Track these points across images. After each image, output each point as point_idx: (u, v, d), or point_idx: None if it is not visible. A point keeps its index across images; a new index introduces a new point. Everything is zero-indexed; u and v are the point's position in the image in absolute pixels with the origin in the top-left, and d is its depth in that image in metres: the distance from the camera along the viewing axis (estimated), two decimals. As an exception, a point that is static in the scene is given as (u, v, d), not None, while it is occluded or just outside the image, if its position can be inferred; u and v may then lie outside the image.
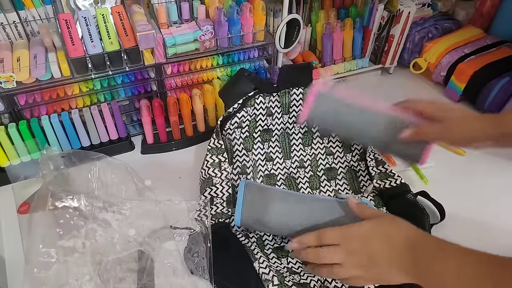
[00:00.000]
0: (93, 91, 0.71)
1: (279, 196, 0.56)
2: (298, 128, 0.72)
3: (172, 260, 0.55)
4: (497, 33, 0.95)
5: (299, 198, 0.57)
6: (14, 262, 0.56)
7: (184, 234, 0.58)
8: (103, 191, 0.60)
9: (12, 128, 0.64)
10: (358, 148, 0.72)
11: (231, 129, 0.68)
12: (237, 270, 0.54)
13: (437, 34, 0.97)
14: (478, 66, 0.86)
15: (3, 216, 0.62)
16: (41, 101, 0.68)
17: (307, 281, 0.53)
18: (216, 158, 0.65)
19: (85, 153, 0.63)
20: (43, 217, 0.54)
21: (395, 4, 0.89)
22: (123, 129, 0.74)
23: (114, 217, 0.57)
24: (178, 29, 0.74)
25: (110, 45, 0.66)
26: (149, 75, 0.75)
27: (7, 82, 0.62)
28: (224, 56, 0.78)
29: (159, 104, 0.73)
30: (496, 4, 0.96)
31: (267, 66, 0.85)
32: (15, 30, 0.71)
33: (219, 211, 0.60)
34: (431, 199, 0.64)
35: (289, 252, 0.58)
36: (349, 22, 0.90)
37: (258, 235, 0.60)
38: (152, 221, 0.57)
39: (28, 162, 0.68)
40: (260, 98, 0.69)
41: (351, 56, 0.95)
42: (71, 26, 0.63)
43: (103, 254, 0.53)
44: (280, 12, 0.81)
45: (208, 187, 0.63)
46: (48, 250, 0.52)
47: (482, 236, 0.62)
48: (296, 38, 0.82)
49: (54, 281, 0.51)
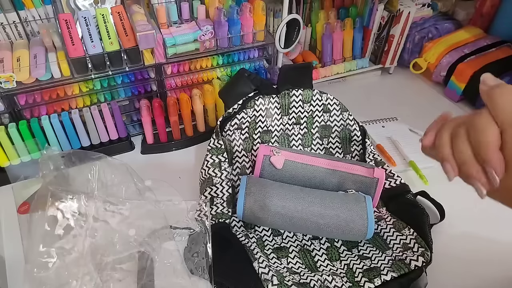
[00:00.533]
0: (93, 91, 0.71)
1: (280, 183, 0.60)
2: (297, 129, 0.72)
3: (172, 260, 0.55)
4: (497, 33, 0.96)
5: (302, 188, 0.60)
6: (14, 262, 0.56)
7: (184, 234, 0.58)
8: (103, 191, 0.60)
9: (12, 128, 0.64)
10: (358, 149, 0.72)
11: (230, 130, 0.68)
12: (237, 270, 0.54)
13: (437, 34, 0.97)
14: (478, 66, 0.86)
15: (3, 216, 0.62)
16: (41, 101, 0.68)
17: (307, 281, 0.53)
18: (216, 158, 0.65)
19: (85, 153, 0.63)
20: (43, 217, 0.54)
21: (395, 4, 0.89)
22: (123, 129, 0.75)
23: (114, 217, 0.57)
24: (178, 29, 0.74)
25: (110, 45, 0.66)
26: (149, 75, 0.75)
27: (7, 82, 0.62)
28: (224, 56, 0.78)
29: (159, 104, 0.73)
30: (496, 4, 0.96)
31: (267, 66, 0.85)
32: (15, 30, 0.71)
33: (219, 211, 0.60)
34: (431, 199, 0.64)
35: (289, 253, 0.59)
36: (349, 22, 0.90)
37: (258, 235, 0.61)
38: (152, 221, 0.57)
39: (28, 162, 0.68)
40: (260, 99, 0.69)
41: (351, 56, 0.95)
42: (71, 26, 0.63)
43: (103, 254, 0.53)
44: (280, 12, 0.81)
45: (208, 187, 0.63)
46: (48, 250, 0.52)
47: (482, 236, 0.62)
48: (296, 38, 0.82)
49: (54, 281, 0.50)
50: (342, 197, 0.58)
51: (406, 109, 0.89)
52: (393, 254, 0.56)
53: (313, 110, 0.72)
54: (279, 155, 0.62)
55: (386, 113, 0.86)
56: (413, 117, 0.86)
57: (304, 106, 0.71)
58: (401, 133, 0.81)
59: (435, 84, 0.97)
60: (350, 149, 0.72)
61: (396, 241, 0.58)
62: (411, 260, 0.53)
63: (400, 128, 0.83)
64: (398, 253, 0.56)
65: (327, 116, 0.72)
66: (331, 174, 0.61)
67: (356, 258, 0.57)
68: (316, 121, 0.72)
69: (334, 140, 0.72)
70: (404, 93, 0.96)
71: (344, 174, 0.61)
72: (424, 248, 0.55)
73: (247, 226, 0.62)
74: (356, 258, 0.57)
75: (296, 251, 0.59)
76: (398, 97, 0.95)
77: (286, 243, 0.60)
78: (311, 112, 0.72)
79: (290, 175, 0.62)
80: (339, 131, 0.72)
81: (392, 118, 0.85)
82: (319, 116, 0.72)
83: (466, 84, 0.87)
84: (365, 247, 0.59)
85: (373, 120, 0.85)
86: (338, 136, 0.72)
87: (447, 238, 0.61)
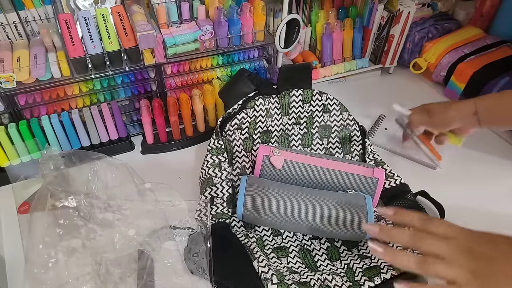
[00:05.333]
0: (93, 91, 0.71)
1: (280, 183, 0.60)
2: (297, 129, 0.72)
3: (172, 260, 0.55)
4: (497, 33, 0.96)
5: (301, 187, 0.60)
6: (14, 262, 0.56)
7: (184, 234, 0.58)
8: (103, 191, 0.60)
9: (12, 128, 0.64)
10: (358, 149, 0.72)
11: (230, 131, 0.68)
12: (237, 270, 0.54)
13: (437, 34, 0.97)
14: (478, 66, 0.86)
15: (3, 216, 0.62)
16: (41, 101, 0.68)
17: (307, 280, 0.53)
18: (216, 158, 0.65)
19: (85, 153, 0.63)
20: (43, 217, 0.54)
21: (395, 4, 0.89)
22: (123, 129, 0.74)
23: (114, 217, 0.57)
24: (178, 29, 0.74)
25: (110, 45, 0.66)
26: (149, 75, 0.75)
27: (7, 82, 0.62)
28: (224, 56, 0.78)
29: (159, 104, 0.73)
30: (496, 4, 0.96)
31: (267, 66, 0.85)
32: (15, 30, 0.71)
33: (219, 211, 0.60)
34: (431, 199, 0.64)
35: (289, 252, 0.59)
36: (349, 22, 0.90)
37: (258, 235, 0.61)
38: (152, 221, 0.57)
39: (28, 162, 0.68)
40: (260, 99, 0.69)
41: (351, 56, 0.95)
42: (71, 26, 0.63)
43: (103, 254, 0.53)
44: (280, 12, 0.81)
45: (208, 187, 0.63)
46: (48, 250, 0.52)
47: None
48: (296, 38, 0.82)
49: (54, 281, 0.50)
50: (342, 197, 0.58)
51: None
52: (393, 254, 0.56)
53: (313, 110, 0.72)
54: (279, 155, 0.62)
55: (386, 113, 0.86)
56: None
57: (304, 106, 0.71)
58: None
59: (435, 84, 0.97)
60: (350, 149, 0.72)
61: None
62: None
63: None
64: (398, 252, 0.56)
65: (327, 116, 0.72)
66: (331, 174, 0.61)
67: (356, 257, 0.57)
68: (316, 121, 0.72)
69: (334, 140, 0.72)
70: (404, 93, 0.96)
71: (344, 174, 0.61)
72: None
73: (247, 226, 0.62)
74: (356, 258, 0.57)
75: (296, 251, 0.59)
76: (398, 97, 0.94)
77: (286, 243, 0.60)
78: (311, 112, 0.72)
79: (290, 175, 0.62)
80: (339, 131, 0.72)
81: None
82: (319, 116, 0.72)
83: (466, 84, 0.87)
84: (365, 246, 0.59)
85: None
86: (338, 136, 0.72)
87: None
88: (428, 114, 0.69)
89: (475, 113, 0.64)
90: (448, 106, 0.68)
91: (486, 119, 0.64)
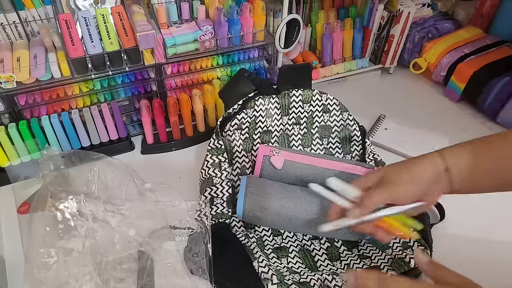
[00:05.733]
0: (93, 91, 0.71)
1: (280, 183, 0.60)
2: (297, 129, 0.72)
3: (172, 260, 0.55)
4: (497, 33, 0.96)
5: (301, 187, 0.60)
6: (14, 262, 0.56)
7: (184, 234, 0.58)
8: (103, 191, 0.60)
9: (12, 128, 0.64)
10: (358, 149, 0.72)
11: (230, 131, 0.68)
12: (237, 270, 0.54)
13: (437, 34, 0.97)
14: (478, 66, 0.86)
15: (3, 216, 0.62)
16: (41, 101, 0.68)
17: (307, 280, 0.53)
18: (216, 159, 0.65)
19: (85, 153, 0.63)
20: (43, 217, 0.54)
21: (395, 4, 0.89)
22: (123, 129, 0.75)
23: (114, 217, 0.57)
24: (178, 29, 0.74)
25: (110, 45, 0.66)
26: (149, 75, 0.75)
27: (7, 82, 0.62)
28: (224, 56, 0.78)
29: (159, 104, 0.73)
30: (496, 4, 0.96)
31: (267, 66, 0.85)
32: (15, 30, 0.71)
33: (219, 211, 0.60)
34: (431, 199, 0.64)
35: (289, 252, 0.59)
36: (349, 22, 0.90)
37: (258, 235, 0.61)
38: (152, 221, 0.57)
39: (28, 162, 0.68)
40: (260, 99, 0.69)
41: (351, 56, 0.95)
42: (71, 26, 0.63)
43: (103, 254, 0.53)
44: (280, 12, 0.81)
45: (208, 187, 0.63)
46: (48, 250, 0.52)
47: (481, 236, 0.62)
48: (296, 38, 0.82)
49: (54, 281, 0.50)
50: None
51: (406, 109, 0.89)
52: (393, 253, 0.56)
53: (313, 110, 0.72)
54: (279, 155, 0.62)
55: (386, 113, 0.86)
56: (413, 117, 0.86)
57: (304, 106, 0.71)
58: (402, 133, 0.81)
59: (435, 84, 0.97)
60: (350, 149, 0.72)
61: (396, 240, 0.58)
62: (411, 259, 0.53)
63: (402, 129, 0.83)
64: (398, 251, 0.56)
65: (327, 116, 0.72)
66: (331, 174, 0.61)
67: (356, 257, 0.57)
68: (316, 121, 0.72)
69: (334, 140, 0.72)
70: (404, 93, 0.96)
71: (344, 174, 0.61)
72: (424, 246, 0.55)
73: (247, 226, 0.62)
74: (356, 258, 0.57)
75: (296, 251, 0.59)
76: (398, 97, 0.95)
77: (286, 243, 0.60)
78: (311, 112, 0.72)
79: (290, 175, 0.62)
80: (339, 131, 0.72)
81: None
82: (319, 116, 0.72)
83: (466, 84, 0.87)
84: (365, 246, 0.59)
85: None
86: (338, 136, 0.72)
87: (447, 238, 0.61)
88: (383, 185, 0.49)
89: (446, 170, 0.48)
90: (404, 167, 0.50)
91: (466, 177, 0.48)
